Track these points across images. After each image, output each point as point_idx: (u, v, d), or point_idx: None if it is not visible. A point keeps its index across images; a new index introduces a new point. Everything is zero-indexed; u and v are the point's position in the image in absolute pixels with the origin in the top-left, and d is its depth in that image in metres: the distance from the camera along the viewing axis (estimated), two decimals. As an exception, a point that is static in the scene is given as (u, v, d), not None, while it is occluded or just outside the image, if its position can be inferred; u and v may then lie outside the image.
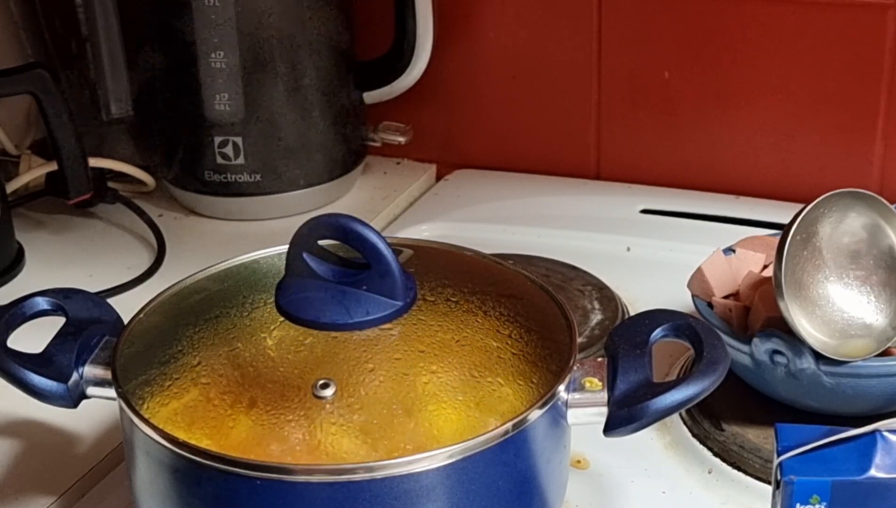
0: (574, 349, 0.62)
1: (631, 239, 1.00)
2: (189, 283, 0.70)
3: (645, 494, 0.72)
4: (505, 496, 0.59)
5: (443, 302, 0.66)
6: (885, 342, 0.71)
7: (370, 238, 0.60)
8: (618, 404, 0.60)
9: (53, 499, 0.73)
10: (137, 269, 0.99)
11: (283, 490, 0.56)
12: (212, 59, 1.00)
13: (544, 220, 1.04)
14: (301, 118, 1.05)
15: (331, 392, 0.60)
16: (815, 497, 0.57)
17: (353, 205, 1.10)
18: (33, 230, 1.06)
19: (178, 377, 0.63)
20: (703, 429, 0.75)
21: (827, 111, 1.02)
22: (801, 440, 0.58)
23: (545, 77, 1.11)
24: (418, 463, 0.56)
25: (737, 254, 0.79)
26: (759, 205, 1.04)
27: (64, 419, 0.78)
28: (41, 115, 0.95)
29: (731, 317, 0.76)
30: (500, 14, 1.10)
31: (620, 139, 1.10)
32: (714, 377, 0.61)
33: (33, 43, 1.10)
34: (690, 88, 1.06)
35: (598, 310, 0.87)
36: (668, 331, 0.64)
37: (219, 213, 1.08)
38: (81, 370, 0.65)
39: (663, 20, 1.04)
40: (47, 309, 0.69)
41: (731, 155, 1.06)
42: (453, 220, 1.06)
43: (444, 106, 1.15)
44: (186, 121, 1.04)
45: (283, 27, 1.01)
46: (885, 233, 0.73)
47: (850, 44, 0.99)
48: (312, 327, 0.61)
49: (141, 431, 0.59)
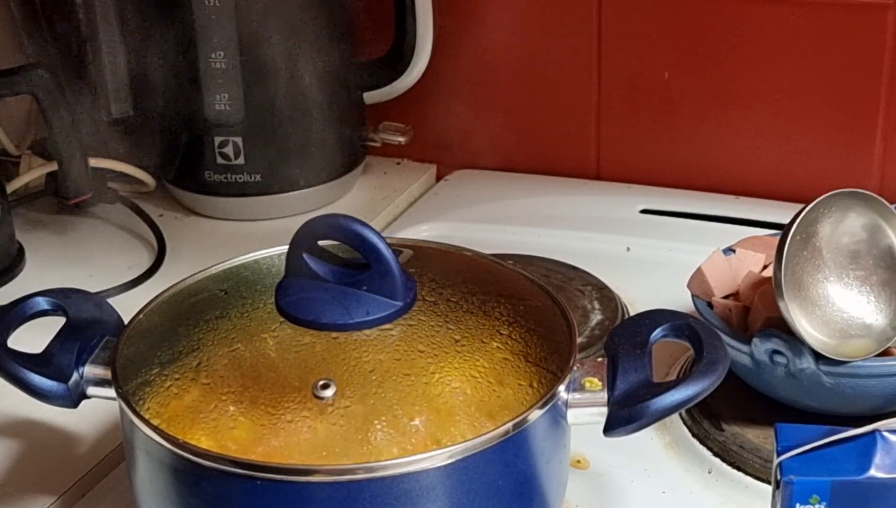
0: (574, 349, 0.62)
1: (631, 239, 1.00)
2: (189, 283, 0.70)
3: (645, 494, 0.72)
4: (505, 496, 0.59)
5: (443, 302, 0.66)
6: (885, 342, 0.71)
7: (370, 238, 0.60)
8: (618, 404, 0.60)
9: (53, 499, 0.73)
10: (137, 269, 0.99)
11: (284, 490, 0.56)
12: (212, 59, 1.00)
13: (544, 220, 1.04)
14: (301, 118, 1.05)
15: (331, 393, 0.60)
16: (815, 497, 0.57)
17: (353, 205, 1.10)
18: (33, 230, 1.06)
19: (179, 377, 0.63)
20: (703, 429, 0.75)
21: (827, 111, 1.02)
22: (801, 440, 0.58)
23: (545, 77, 1.11)
24: (418, 463, 0.56)
25: (737, 254, 0.79)
26: (759, 205, 1.04)
27: (64, 419, 0.78)
28: (41, 115, 0.95)
29: (731, 317, 0.76)
30: (500, 14, 1.10)
31: (620, 139, 1.10)
32: (714, 377, 0.61)
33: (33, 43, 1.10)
34: (690, 88, 1.06)
35: (598, 310, 0.87)
36: (668, 331, 0.64)
37: (219, 213, 1.08)
38: (81, 370, 0.65)
39: (663, 20, 1.04)
40: (47, 309, 0.69)
41: (731, 155, 1.06)
42: (453, 220, 1.06)
43: (444, 106, 1.15)
44: (186, 121, 1.04)
45: (283, 27, 1.01)
46: (884, 233, 0.73)
47: (850, 44, 0.99)
48: (312, 327, 0.61)
49: (141, 431, 0.59)
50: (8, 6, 1.10)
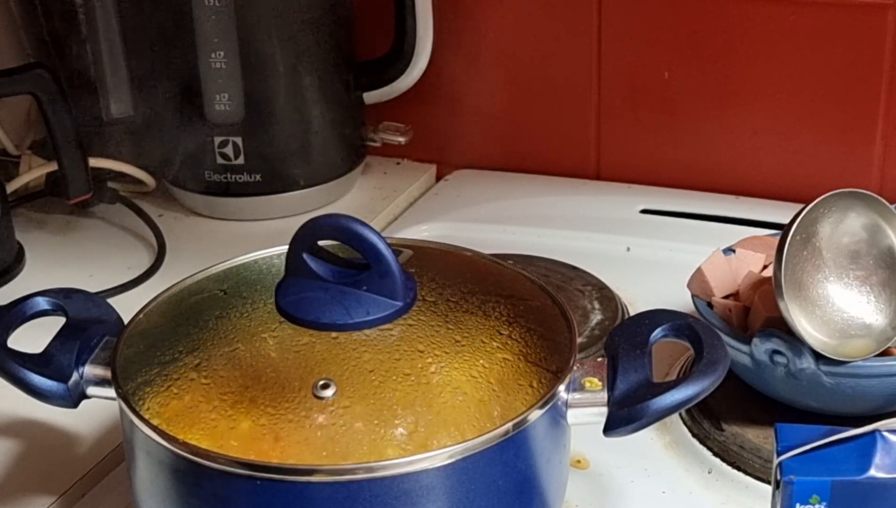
0: (574, 350, 0.62)
1: (631, 239, 1.00)
2: (189, 283, 0.70)
3: (645, 494, 0.72)
4: (505, 496, 0.59)
5: (443, 302, 0.66)
6: (885, 342, 0.71)
7: (370, 238, 0.60)
8: (618, 404, 0.60)
9: (53, 499, 0.73)
10: (137, 269, 0.99)
11: (283, 490, 0.56)
12: (212, 59, 1.00)
13: (544, 220, 1.04)
14: (301, 118, 1.05)
15: (331, 392, 0.60)
16: (815, 497, 0.57)
17: (353, 205, 1.10)
18: (33, 230, 1.06)
19: (178, 377, 0.63)
20: (703, 429, 0.75)
21: (827, 111, 1.02)
22: (801, 440, 0.58)
23: (545, 77, 1.11)
24: (418, 463, 0.56)
25: (737, 254, 0.79)
26: (759, 205, 1.04)
27: (64, 419, 0.78)
28: (41, 115, 0.95)
29: (731, 317, 0.76)
30: (500, 14, 1.10)
31: (620, 139, 1.10)
32: (714, 377, 0.61)
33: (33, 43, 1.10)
34: (690, 88, 1.06)
35: (598, 310, 0.87)
36: (668, 331, 0.64)
37: (219, 213, 1.08)
38: (81, 370, 0.65)
39: (663, 20, 1.04)
40: (47, 309, 0.69)
41: (731, 155, 1.06)
42: (453, 220, 1.06)
43: (444, 106, 1.15)
44: (186, 121, 1.04)
45: (283, 27, 1.01)
46: (884, 233, 0.73)
47: (850, 44, 0.99)
48: (312, 327, 0.61)
49: (141, 431, 0.59)
50: (8, 6, 1.10)
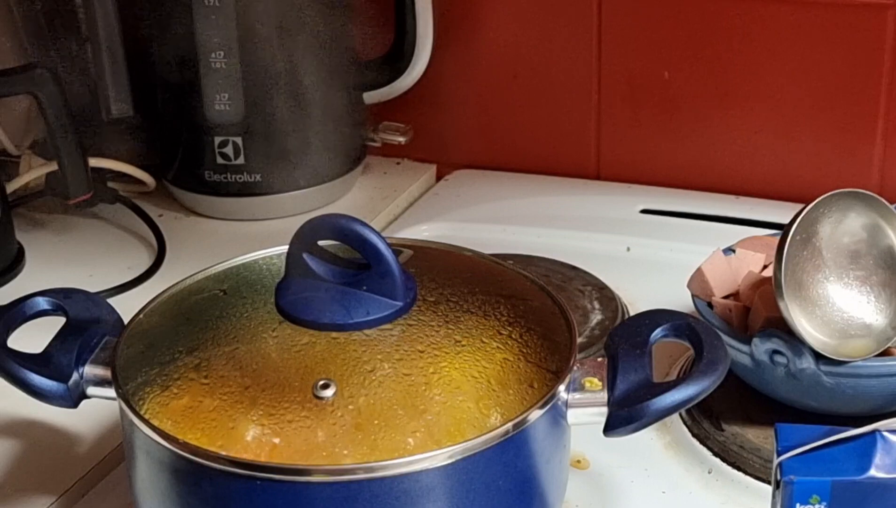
0: (574, 349, 0.62)
1: (631, 239, 1.00)
2: (189, 283, 0.70)
3: (645, 494, 0.72)
4: (505, 496, 0.59)
5: (443, 302, 0.66)
6: (885, 342, 0.71)
7: (370, 238, 0.60)
8: (618, 404, 0.60)
9: (53, 499, 0.73)
10: (137, 269, 0.99)
11: (283, 490, 0.56)
12: (212, 59, 1.00)
13: (544, 220, 1.04)
14: (301, 118, 1.05)
15: (331, 393, 0.60)
16: (815, 497, 0.57)
17: (353, 205, 1.10)
18: (33, 230, 1.06)
19: (178, 377, 0.63)
20: (703, 429, 0.75)
21: (827, 111, 1.02)
22: (801, 440, 0.58)
23: (545, 77, 1.11)
24: (418, 463, 0.56)
25: (737, 254, 0.79)
26: (759, 205, 1.04)
27: (64, 419, 0.78)
28: (41, 115, 0.95)
29: (731, 317, 0.76)
30: (500, 14, 1.10)
31: (620, 139, 1.10)
32: (714, 377, 0.61)
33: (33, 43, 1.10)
34: (690, 88, 1.06)
35: (598, 310, 0.87)
36: (668, 331, 0.64)
37: (219, 213, 1.08)
38: (81, 370, 0.65)
39: (663, 20, 1.04)
40: (47, 309, 0.69)
41: (731, 155, 1.06)
42: (453, 220, 1.06)
43: (444, 106, 1.15)
44: (186, 121, 1.04)
45: (283, 27, 1.01)
46: (885, 233, 0.73)
47: (850, 44, 0.99)
48: (312, 327, 0.61)
49: (141, 431, 0.59)
50: (8, 6, 1.10)
